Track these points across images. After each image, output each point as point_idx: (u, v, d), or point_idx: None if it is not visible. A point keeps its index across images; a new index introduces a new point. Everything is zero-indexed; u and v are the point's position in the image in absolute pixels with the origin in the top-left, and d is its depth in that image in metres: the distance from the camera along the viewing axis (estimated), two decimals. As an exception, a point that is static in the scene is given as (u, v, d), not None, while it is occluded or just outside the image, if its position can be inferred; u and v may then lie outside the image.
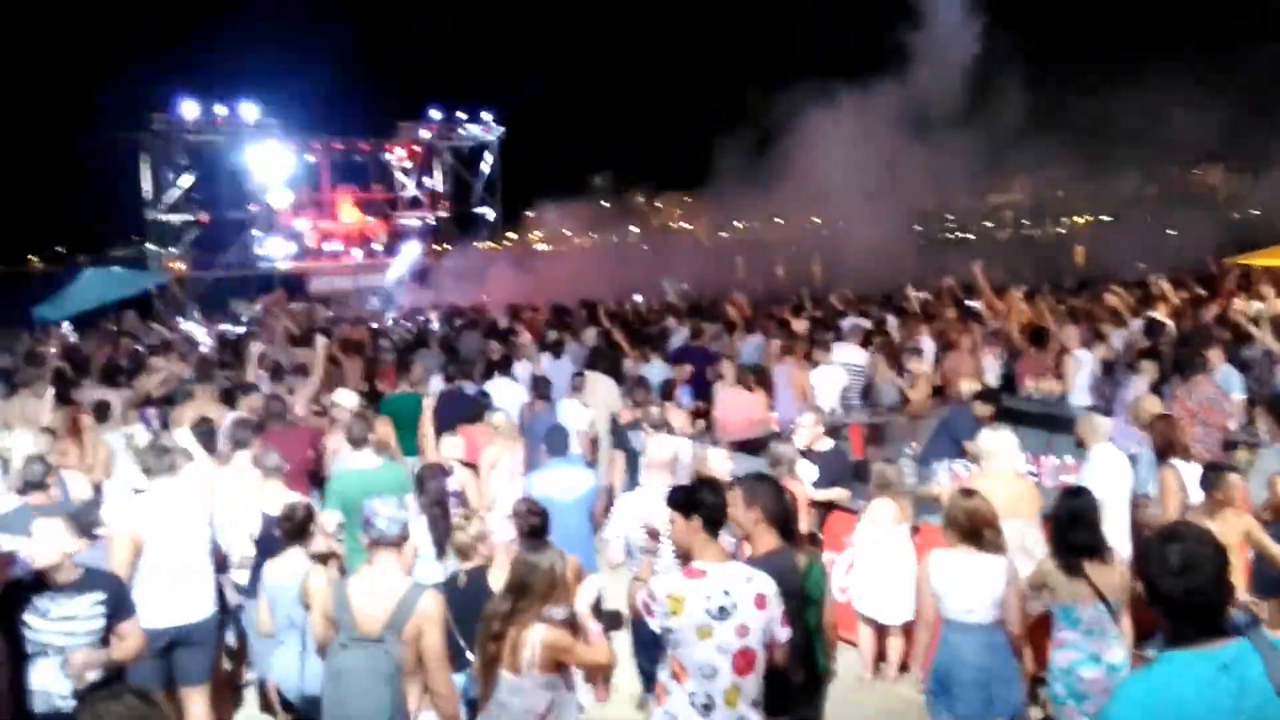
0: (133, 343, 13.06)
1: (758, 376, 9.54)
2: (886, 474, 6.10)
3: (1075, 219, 46.35)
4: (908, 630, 5.96)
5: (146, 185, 28.11)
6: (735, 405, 8.87)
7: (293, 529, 5.07)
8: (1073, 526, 4.48)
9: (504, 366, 10.11)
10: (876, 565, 6.02)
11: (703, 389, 9.95)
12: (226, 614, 5.72)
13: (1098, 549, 4.48)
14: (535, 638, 3.69)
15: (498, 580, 4.47)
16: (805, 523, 5.81)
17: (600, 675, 5.19)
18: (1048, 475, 6.97)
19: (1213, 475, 5.31)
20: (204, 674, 5.28)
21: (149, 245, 29.20)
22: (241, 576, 5.76)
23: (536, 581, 3.74)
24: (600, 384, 9.58)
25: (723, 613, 3.47)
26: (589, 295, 17.02)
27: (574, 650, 3.78)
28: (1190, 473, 5.73)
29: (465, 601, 4.41)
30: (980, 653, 4.42)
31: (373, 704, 3.88)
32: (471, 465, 7.03)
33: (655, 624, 3.57)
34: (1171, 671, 2.37)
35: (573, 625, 3.79)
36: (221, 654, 5.80)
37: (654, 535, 4.36)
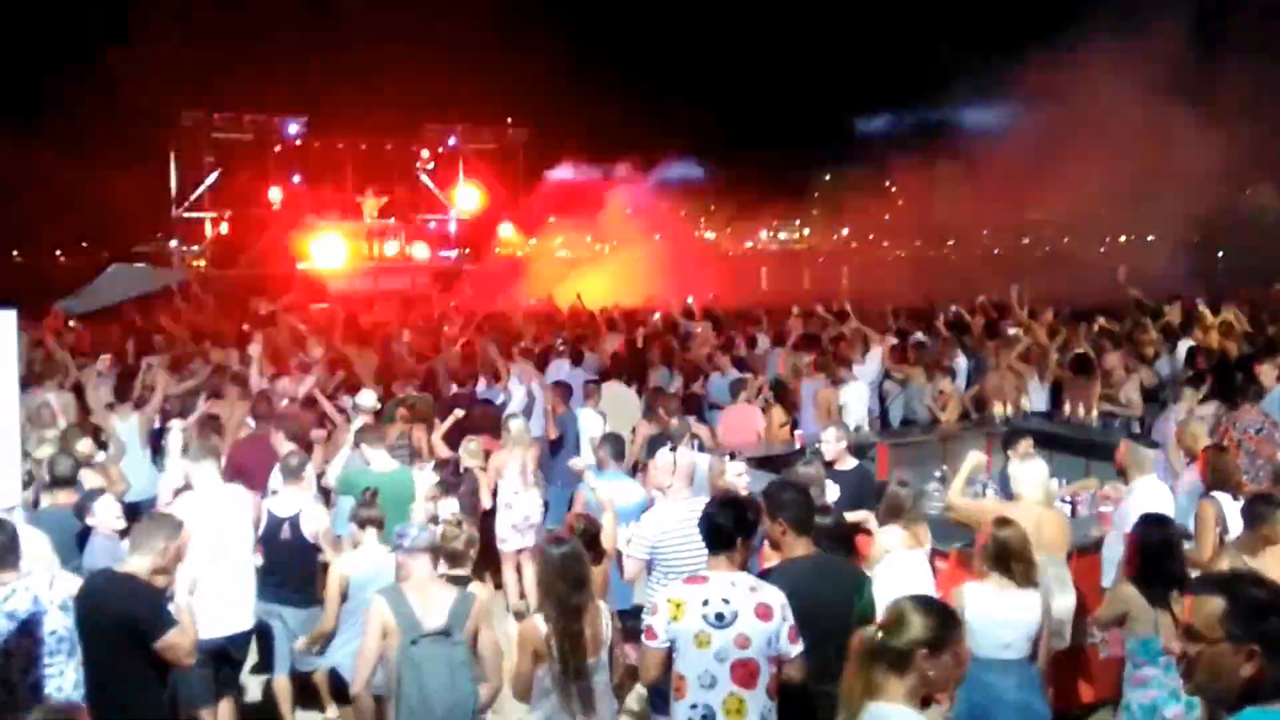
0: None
1: (779, 393, 9.33)
2: (898, 497, 5.45)
3: (1118, 238, 45.25)
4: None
5: (173, 182, 28.23)
6: (736, 421, 8.67)
7: (367, 519, 5.27)
8: (1165, 557, 4.34)
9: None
10: (891, 591, 5.75)
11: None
12: None
13: (1185, 581, 4.27)
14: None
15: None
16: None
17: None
18: (1085, 504, 6.71)
19: (1260, 508, 4.93)
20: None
21: (173, 243, 29.35)
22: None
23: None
24: (618, 393, 9.41)
25: (720, 619, 3.43)
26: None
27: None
28: (1231, 507, 5.44)
29: None
30: (1019, 690, 4.28)
31: (459, 692, 3.98)
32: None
33: (658, 643, 3.51)
34: None
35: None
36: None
37: None
